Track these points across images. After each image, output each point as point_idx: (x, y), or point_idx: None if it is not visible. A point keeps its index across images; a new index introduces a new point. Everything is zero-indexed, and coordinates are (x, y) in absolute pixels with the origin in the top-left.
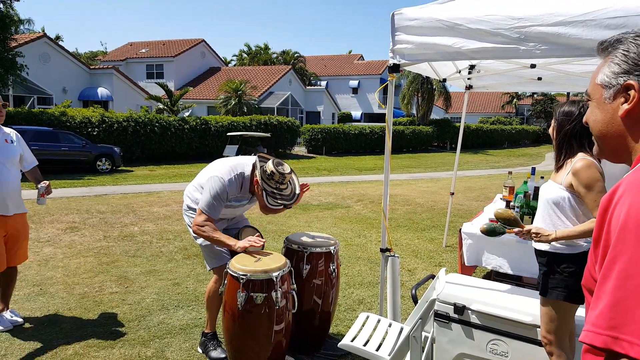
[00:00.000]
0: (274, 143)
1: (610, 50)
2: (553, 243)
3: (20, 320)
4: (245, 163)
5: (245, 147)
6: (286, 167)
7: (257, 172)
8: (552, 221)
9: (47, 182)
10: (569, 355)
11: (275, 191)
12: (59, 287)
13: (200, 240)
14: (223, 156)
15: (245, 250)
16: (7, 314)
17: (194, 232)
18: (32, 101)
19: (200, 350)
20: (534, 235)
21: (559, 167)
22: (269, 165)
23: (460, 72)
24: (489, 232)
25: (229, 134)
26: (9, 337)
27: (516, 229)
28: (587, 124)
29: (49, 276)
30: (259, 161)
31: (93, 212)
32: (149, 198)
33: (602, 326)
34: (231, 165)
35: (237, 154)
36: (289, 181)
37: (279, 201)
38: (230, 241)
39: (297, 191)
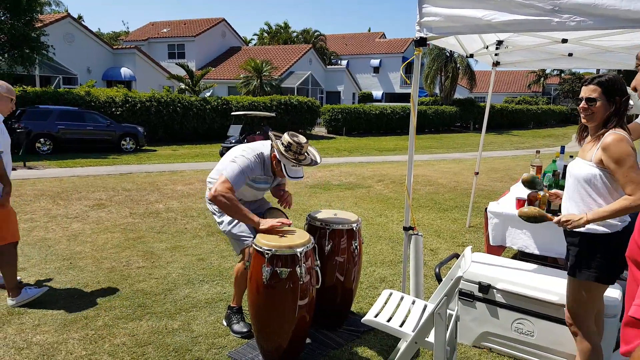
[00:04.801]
0: (289, 124)
1: None
2: None
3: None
4: (262, 144)
5: (249, 127)
6: (301, 138)
7: (274, 146)
8: (583, 200)
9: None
10: (595, 335)
11: (294, 161)
12: (87, 261)
13: (222, 226)
14: (228, 136)
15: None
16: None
17: (211, 198)
18: (58, 81)
19: (225, 323)
20: (564, 223)
21: (590, 142)
22: (285, 137)
23: (487, 47)
24: (531, 219)
25: (233, 113)
26: (43, 308)
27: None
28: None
29: (78, 251)
30: (274, 137)
31: (119, 189)
32: (172, 177)
33: None
34: (251, 147)
35: (241, 134)
36: (307, 152)
37: (299, 171)
38: (253, 217)
39: (318, 160)
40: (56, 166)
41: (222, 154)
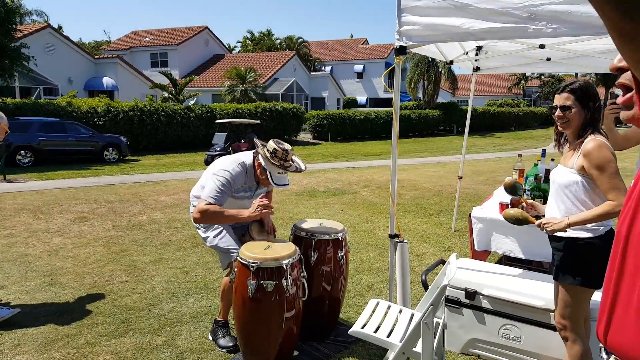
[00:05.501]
0: (275, 131)
1: None
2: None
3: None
4: (244, 155)
5: (234, 134)
6: (287, 145)
7: (260, 154)
8: (565, 207)
9: None
10: (585, 340)
11: (280, 168)
12: (69, 277)
13: (208, 241)
14: (212, 144)
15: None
16: None
17: (195, 219)
18: (38, 92)
19: (210, 338)
20: (545, 226)
21: (570, 150)
22: (270, 144)
23: (467, 53)
24: (514, 220)
25: (217, 121)
26: (23, 327)
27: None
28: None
29: (59, 266)
30: (260, 144)
31: (101, 201)
32: (156, 187)
33: None
34: (232, 159)
35: (225, 142)
36: (292, 159)
37: (285, 178)
38: (244, 212)
39: (303, 168)
40: (37, 179)
41: (207, 162)
